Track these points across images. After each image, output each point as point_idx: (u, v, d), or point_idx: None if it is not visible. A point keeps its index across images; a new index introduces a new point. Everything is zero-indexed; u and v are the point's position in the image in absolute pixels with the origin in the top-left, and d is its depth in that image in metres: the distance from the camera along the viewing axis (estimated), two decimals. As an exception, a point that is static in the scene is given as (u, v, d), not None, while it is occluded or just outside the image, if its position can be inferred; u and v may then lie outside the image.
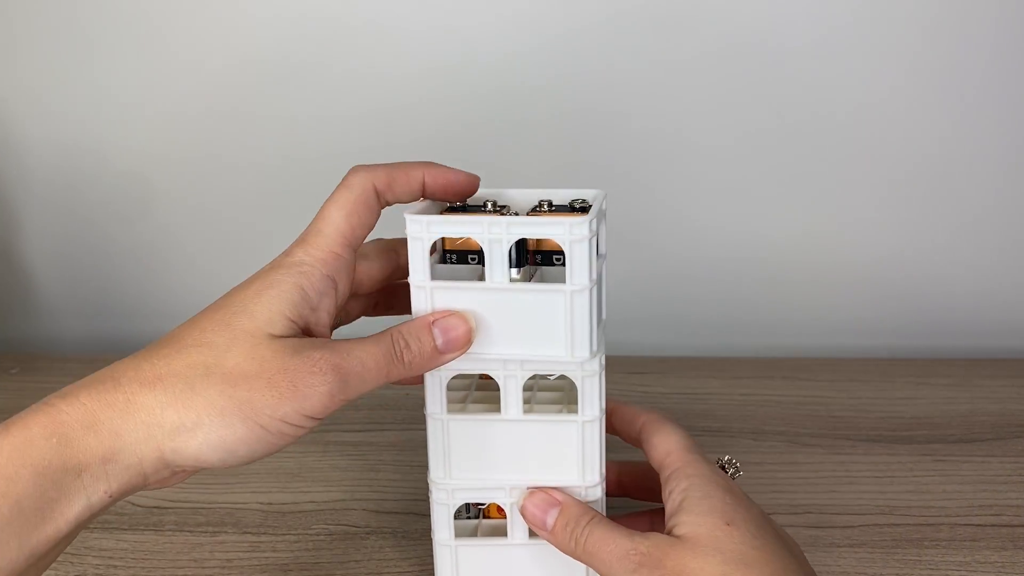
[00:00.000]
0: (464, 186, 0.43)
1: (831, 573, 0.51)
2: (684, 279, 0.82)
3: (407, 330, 0.41)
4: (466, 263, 0.44)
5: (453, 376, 0.44)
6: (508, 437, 0.44)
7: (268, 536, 0.56)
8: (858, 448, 0.65)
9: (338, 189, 0.42)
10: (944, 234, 0.79)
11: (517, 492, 0.45)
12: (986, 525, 0.55)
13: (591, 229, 0.41)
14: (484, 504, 0.48)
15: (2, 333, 0.88)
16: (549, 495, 0.44)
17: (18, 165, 0.83)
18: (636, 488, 0.51)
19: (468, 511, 0.48)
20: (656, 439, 0.46)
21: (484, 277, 0.42)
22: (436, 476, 0.45)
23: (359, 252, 0.43)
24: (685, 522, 0.41)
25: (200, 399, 0.36)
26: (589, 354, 0.42)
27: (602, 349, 0.44)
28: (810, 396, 0.72)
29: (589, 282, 0.41)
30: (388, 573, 0.52)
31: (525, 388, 0.44)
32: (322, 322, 0.41)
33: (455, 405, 0.46)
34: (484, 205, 0.45)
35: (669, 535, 0.41)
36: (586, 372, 0.43)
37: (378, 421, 0.69)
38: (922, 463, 0.62)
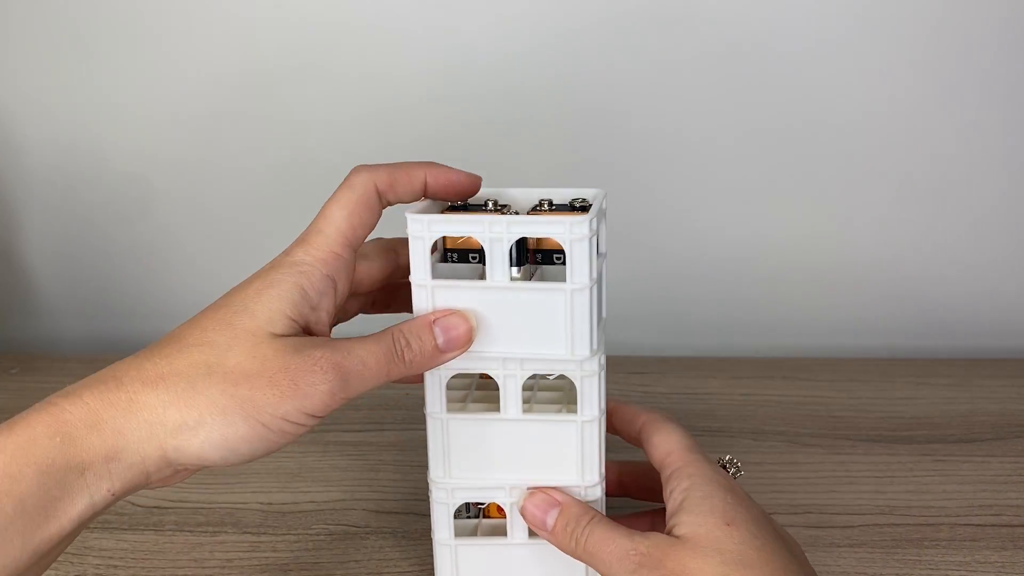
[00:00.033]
0: (466, 186, 0.44)
1: (831, 573, 0.51)
2: (684, 279, 0.82)
3: (408, 329, 0.41)
4: (467, 262, 0.44)
5: (453, 375, 0.44)
6: (508, 437, 0.44)
7: (268, 536, 0.56)
8: (858, 448, 0.65)
9: (340, 189, 0.42)
10: (944, 234, 0.79)
11: (517, 492, 0.45)
12: (986, 525, 0.55)
13: (591, 228, 0.41)
14: (484, 504, 0.48)
15: (2, 333, 0.88)
16: (549, 495, 0.44)
17: (18, 165, 0.83)
18: (637, 488, 0.51)
19: (468, 511, 0.48)
20: (657, 438, 0.46)
21: (485, 276, 0.42)
22: (436, 475, 0.45)
23: (359, 251, 0.43)
24: (685, 522, 0.41)
25: (202, 398, 0.37)
26: (589, 352, 0.42)
27: (602, 348, 0.44)
28: (810, 396, 0.72)
29: (589, 281, 0.41)
30: (388, 573, 0.52)
31: (525, 388, 0.44)
32: (322, 321, 0.41)
33: (455, 404, 0.46)
34: (485, 204, 0.45)
35: (669, 535, 0.41)
36: (585, 372, 0.43)
37: (378, 421, 0.69)
38: (922, 463, 0.62)
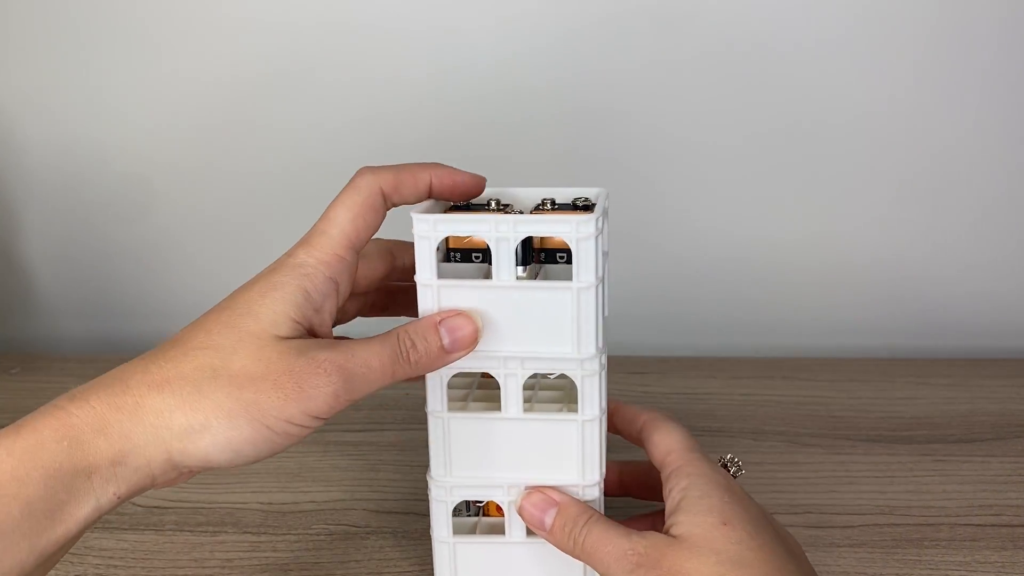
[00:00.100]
0: (470, 187, 0.44)
1: (831, 573, 0.51)
2: (684, 279, 0.82)
3: (414, 330, 0.41)
4: (470, 261, 0.44)
5: (454, 375, 0.44)
6: (509, 436, 0.44)
7: (268, 536, 0.56)
8: (858, 448, 0.65)
9: (345, 191, 0.41)
10: (944, 234, 0.79)
11: (515, 490, 0.45)
12: (986, 525, 0.55)
13: (597, 227, 0.41)
14: (483, 502, 0.48)
15: (2, 333, 0.88)
16: (547, 495, 0.44)
17: (18, 166, 0.83)
18: (637, 487, 0.51)
19: (468, 509, 0.48)
20: (657, 437, 0.46)
21: (489, 275, 0.42)
22: (436, 473, 0.45)
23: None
24: (682, 522, 0.41)
25: (208, 401, 0.37)
26: (595, 351, 0.42)
27: (604, 347, 0.44)
28: (810, 396, 0.72)
29: (596, 279, 0.41)
30: (388, 573, 0.52)
31: (526, 387, 0.44)
32: (325, 323, 0.41)
33: (456, 403, 0.46)
34: (488, 204, 0.45)
35: (667, 534, 0.41)
36: (586, 371, 0.43)
37: (378, 421, 0.69)
38: (922, 463, 0.62)
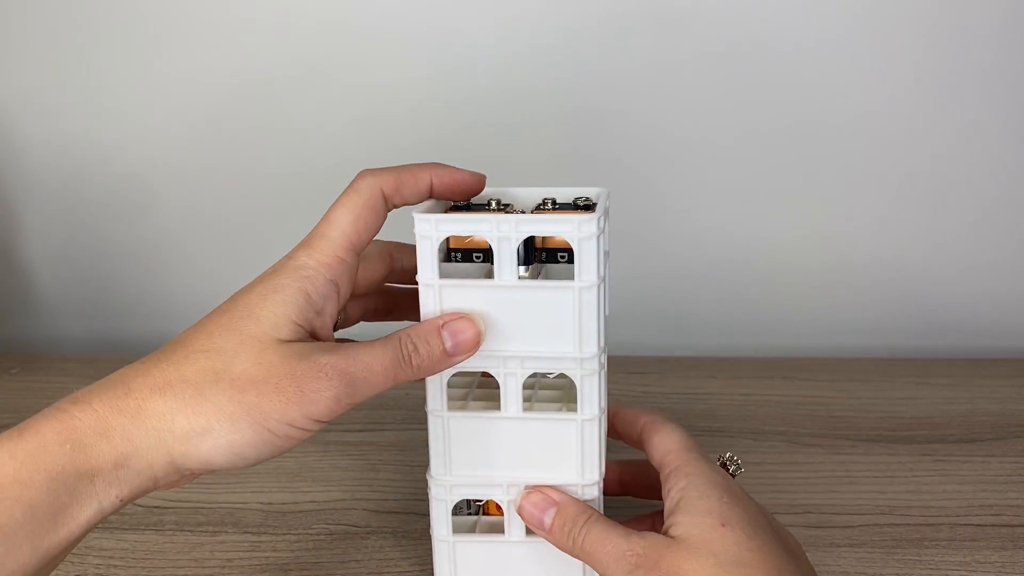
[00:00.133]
0: (471, 185, 0.44)
1: (831, 573, 0.51)
2: (684, 279, 0.82)
3: (416, 333, 0.41)
4: (471, 261, 0.44)
5: (454, 374, 0.44)
6: (508, 435, 0.44)
7: (268, 536, 0.56)
8: (858, 448, 0.65)
9: (346, 193, 0.41)
10: (944, 234, 0.79)
11: (514, 490, 0.45)
12: (986, 525, 0.55)
13: (599, 226, 0.41)
14: (483, 501, 0.48)
15: (2, 333, 0.88)
16: (546, 495, 0.44)
17: (18, 165, 0.83)
18: (638, 486, 0.51)
19: (468, 508, 0.48)
20: (656, 439, 0.46)
21: (490, 275, 0.42)
22: (436, 472, 0.45)
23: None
24: (681, 522, 0.41)
25: (210, 404, 0.37)
26: (597, 349, 0.42)
27: (605, 347, 0.44)
28: (810, 396, 0.72)
29: (598, 278, 0.42)
30: (388, 573, 0.52)
31: (526, 386, 0.44)
32: (326, 325, 0.41)
33: (456, 403, 0.46)
34: (488, 204, 0.45)
35: (666, 535, 0.41)
36: (585, 371, 0.43)
37: (378, 421, 0.69)
38: (922, 463, 0.62)
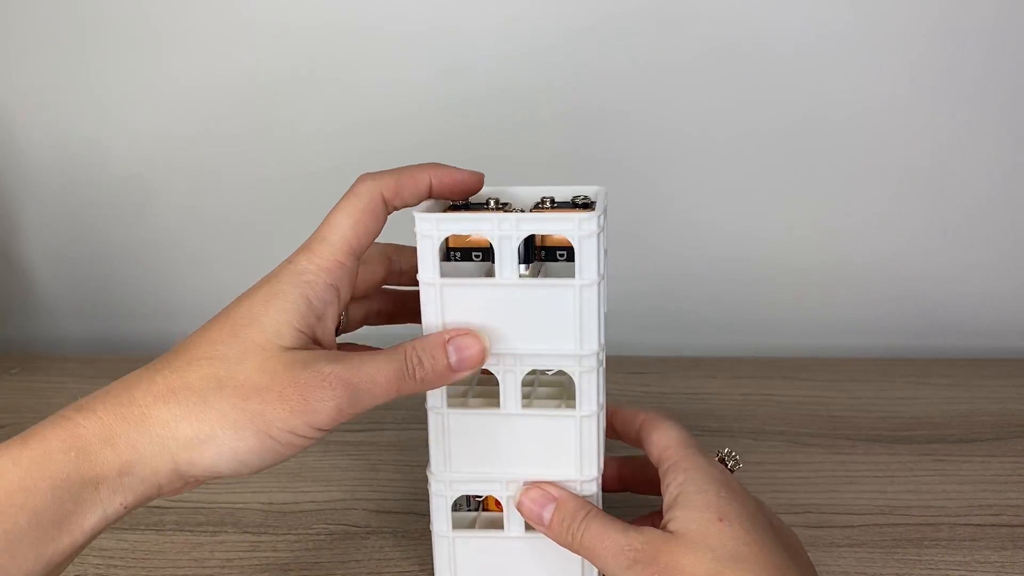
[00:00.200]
0: (470, 184, 0.44)
1: (831, 573, 0.51)
2: (684, 279, 0.82)
3: (421, 347, 0.41)
4: (470, 260, 0.44)
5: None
6: (507, 431, 0.45)
7: (268, 536, 0.56)
8: (858, 448, 0.65)
9: (346, 197, 0.41)
10: (944, 234, 0.79)
11: (513, 485, 0.45)
12: (986, 525, 0.55)
13: (599, 224, 0.41)
14: (482, 497, 0.48)
15: (2, 333, 0.88)
16: (545, 490, 0.44)
17: (18, 165, 0.83)
18: (637, 481, 0.51)
19: (469, 504, 0.48)
20: (655, 435, 0.46)
21: (490, 273, 0.42)
22: (436, 469, 0.46)
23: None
24: (679, 517, 0.41)
25: (214, 412, 0.37)
26: (598, 347, 0.43)
27: (604, 344, 0.44)
28: (810, 396, 0.72)
29: (598, 276, 0.42)
30: (388, 573, 0.52)
31: (525, 383, 0.44)
32: (328, 329, 0.41)
33: (456, 399, 0.46)
34: (487, 203, 0.45)
35: (664, 530, 0.41)
36: (584, 368, 0.43)
37: (378, 421, 0.69)
38: (922, 463, 0.62)
